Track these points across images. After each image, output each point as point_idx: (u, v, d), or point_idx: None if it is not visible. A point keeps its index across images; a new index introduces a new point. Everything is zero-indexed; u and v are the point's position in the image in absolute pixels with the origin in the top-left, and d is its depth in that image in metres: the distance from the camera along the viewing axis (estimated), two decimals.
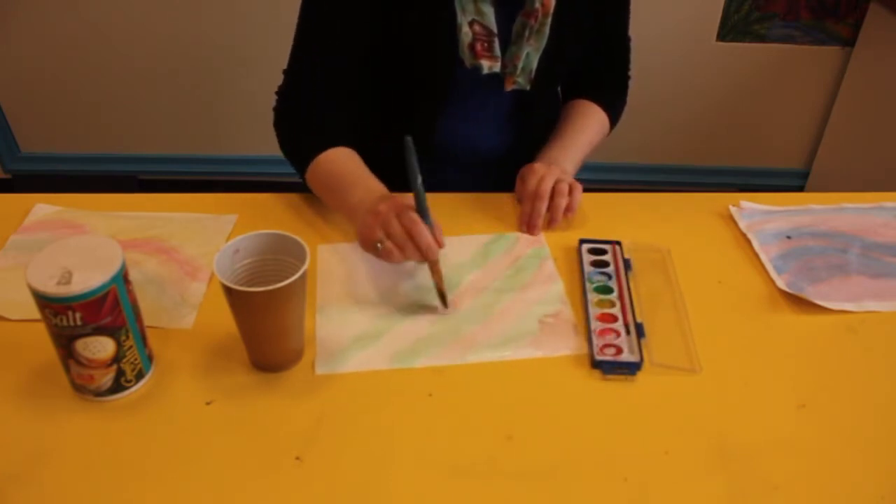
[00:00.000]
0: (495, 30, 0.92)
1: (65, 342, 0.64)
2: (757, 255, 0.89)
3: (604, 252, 0.88)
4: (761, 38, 2.06)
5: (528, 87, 0.97)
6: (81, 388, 0.68)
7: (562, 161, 0.99)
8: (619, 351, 0.74)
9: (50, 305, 0.62)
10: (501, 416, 0.68)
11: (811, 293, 0.82)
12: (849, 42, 2.06)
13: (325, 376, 0.72)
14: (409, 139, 0.74)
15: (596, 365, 0.73)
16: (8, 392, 0.69)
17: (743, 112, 2.20)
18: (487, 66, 0.93)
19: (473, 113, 1.02)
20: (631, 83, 1.12)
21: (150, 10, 2.00)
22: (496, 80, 0.96)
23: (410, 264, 0.84)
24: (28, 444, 0.64)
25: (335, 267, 0.85)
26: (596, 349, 0.74)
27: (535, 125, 1.06)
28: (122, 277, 0.64)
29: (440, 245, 0.77)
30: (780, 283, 0.84)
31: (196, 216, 0.94)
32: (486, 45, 0.93)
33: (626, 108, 1.13)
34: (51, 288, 0.61)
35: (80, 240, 0.67)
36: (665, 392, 0.71)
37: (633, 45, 1.09)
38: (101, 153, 2.28)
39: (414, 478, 0.62)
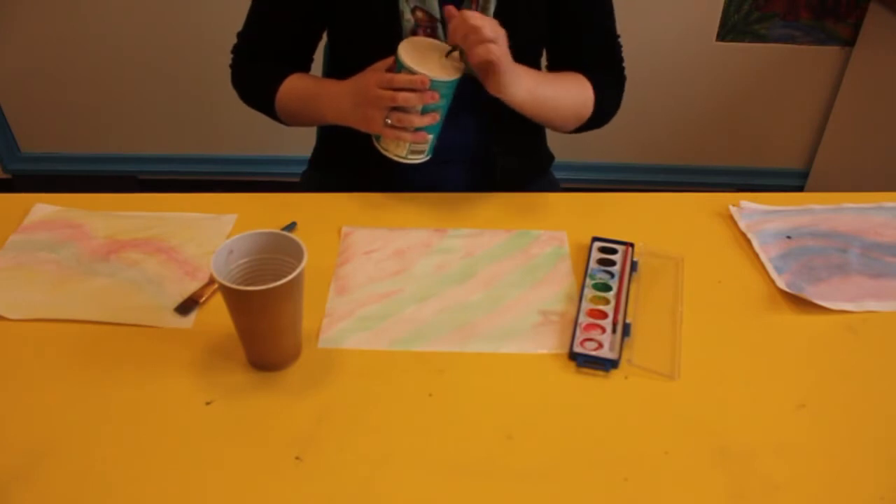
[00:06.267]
0: (438, 16, 0.92)
1: None
2: (757, 255, 0.89)
3: (613, 252, 0.88)
4: (761, 38, 2.06)
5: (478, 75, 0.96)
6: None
7: (523, 71, 0.91)
8: (600, 346, 0.75)
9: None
10: (501, 415, 0.68)
11: (811, 293, 0.82)
12: (849, 42, 2.05)
13: (325, 376, 0.72)
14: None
15: (572, 357, 0.74)
16: (8, 392, 0.69)
17: (743, 112, 2.20)
18: None
19: None
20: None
21: (151, 10, 2.00)
22: None
23: (426, 243, 0.87)
24: (28, 444, 0.64)
25: (354, 248, 0.87)
26: (577, 341, 0.75)
27: (495, 116, 1.02)
28: None
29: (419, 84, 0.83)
30: (780, 283, 0.84)
31: (196, 216, 0.94)
32: (428, 31, 0.93)
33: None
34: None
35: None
36: (665, 392, 0.71)
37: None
38: (101, 153, 2.28)
39: (414, 478, 0.62)
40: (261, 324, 0.68)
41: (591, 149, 2.20)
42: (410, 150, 0.90)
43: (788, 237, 0.92)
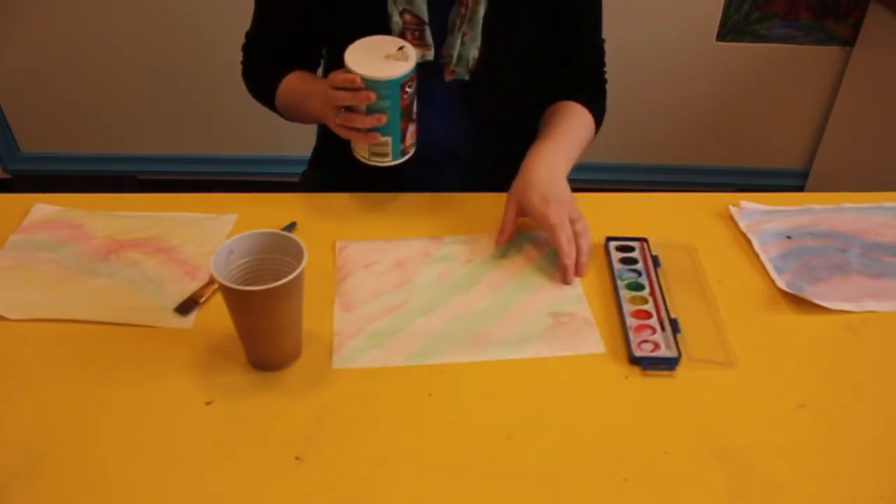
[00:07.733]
0: (426, 18, 0.92)
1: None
2: (757, 255, 0.89)
3: (631, 249, 0.88)
4: (761, 38, 2.06)
5: (466, 77, 0.96)
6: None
7: (554, 157, 0.94)
8: (657, 347, 0.75)
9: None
10: (502, 415, 0.68)
11: (811, 293, 0.82)
12: (849, 42, 2.05)
13: (325, 376, 0.72)
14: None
15: (635, 361, 0.73)
16: (8, 392, 0.69)
17: (743, 112, 2.20)
18: (419, 55, 0.92)
19: (425, 104, 0.98)
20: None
21: (150, 10, 2.00)
22: (437, 70, 0.96)
23: (424, 252, 0.85)
24: (28, 444, 0.64)
25: (352, 262, 0.86)
26: (634, 345, 0.74)
27: (489, 119, 1.04)
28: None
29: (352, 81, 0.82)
30: (780, 283, 0.84)
31: (196, 216, 0.94)
32: (416, 33, 0.93)
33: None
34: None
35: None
36: (665, 392, 0.71)
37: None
38: (101, 153, 2.28)
39: (414, 478, 0.63)
40: (261, 324, 0.68)
41: (589, 149, 2.20)
42: (371, 151, 0.89)
43: (788, 237, 0.92)
